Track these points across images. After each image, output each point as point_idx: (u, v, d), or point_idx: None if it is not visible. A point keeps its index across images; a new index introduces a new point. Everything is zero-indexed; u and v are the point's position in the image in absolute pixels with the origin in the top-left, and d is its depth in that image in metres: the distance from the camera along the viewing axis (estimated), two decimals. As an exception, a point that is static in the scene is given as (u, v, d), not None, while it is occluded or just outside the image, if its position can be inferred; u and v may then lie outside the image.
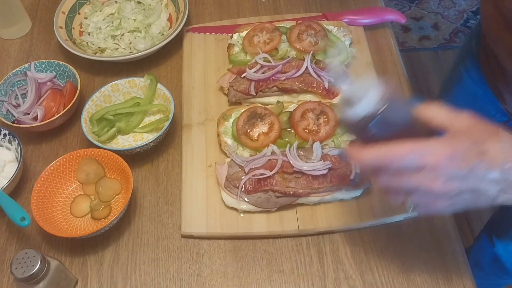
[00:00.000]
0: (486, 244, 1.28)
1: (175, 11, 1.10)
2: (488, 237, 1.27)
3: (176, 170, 0.89)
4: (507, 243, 1.19)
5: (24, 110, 0.95)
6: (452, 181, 0.54)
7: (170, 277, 0.78)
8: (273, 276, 0.77)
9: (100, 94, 0.93)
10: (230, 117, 0.90)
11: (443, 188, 0.54)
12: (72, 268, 0.80)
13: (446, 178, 0.53)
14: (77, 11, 1.12)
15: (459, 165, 0.53)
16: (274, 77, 0.93)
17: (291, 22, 1.03)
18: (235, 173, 0.82)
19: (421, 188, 0.54)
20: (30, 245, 0.83)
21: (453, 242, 0.79)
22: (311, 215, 0.81)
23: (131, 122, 0.93)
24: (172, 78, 1.03)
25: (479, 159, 0.53)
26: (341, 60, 0.97)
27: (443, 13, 2.54)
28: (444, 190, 0.54)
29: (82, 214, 0.84)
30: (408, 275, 0.76)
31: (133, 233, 0.83)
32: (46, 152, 0.94)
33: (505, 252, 1.22)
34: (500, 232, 1.22)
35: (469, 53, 1.05)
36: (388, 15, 1.07)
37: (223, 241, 0.81)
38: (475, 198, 0.56)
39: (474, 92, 1.06)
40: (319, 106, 0.87)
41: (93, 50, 1.07)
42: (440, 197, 0.55)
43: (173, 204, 0.86)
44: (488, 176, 0.54)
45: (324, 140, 0.85)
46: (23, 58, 1.10)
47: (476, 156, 0.53)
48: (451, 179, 0.53)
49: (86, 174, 0.86)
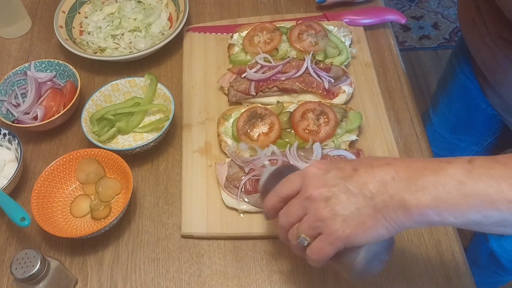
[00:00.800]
0: (481, 240, 1.29)
1: (175, 10, 1.10)
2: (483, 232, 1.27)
3: (176, 170, 0.89)
4: (499, 237, 1.19)
5: (24, 109, 0.95)
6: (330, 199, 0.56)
7: (170, 277, 0.78)
8: (273, 276, 0.77)
9: (100, 93, 0.93)
10: (230, 117, 0.90)
11: (325, 210, 0.56)
12: (72, 268, 0.80)
13: (325, 200, 0.56)
14: (77, 11, 1.12)
15: (331, 178, 0.57)
16: (274, 77, 0.93)
17: (291, 22, 1.03)
18: (235, 173, 0.82)
19: (310, 215, 0.57)
20: (30, 245, 0.83)
21: (452, 242, 0.79)
22: (311, 215, 0.81)
23: (131, 122, 0.93)
24: (172, 77, 1.03)
25: (349, 177, 0.56)
26: (341, 60, 0.97)
27: (443, 13, 2.54)
28: (327, 212, 0.56)
29: (82, 214, 0.84)
30: (408, 275, 0.76)
31: (133, 233, 0.83)
32: (46, 152, 0.94)
33: (499, 248, 1.22)
34: None
35: (461, 47, 1.06)
36: (388, 15, 1.07)
37: (223, 241, 0.81)
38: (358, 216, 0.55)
39: (466, 85, 1.07)
40: (319, 106, 0.87)
41: (93, 49, 1.06)
42: (325, 220, 0.56)
43: (173, 204, 0.86)
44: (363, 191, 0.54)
45: (324, 140, 0.85)
46: (23, 57, 1.10)
47: (346, 174, 0.56)
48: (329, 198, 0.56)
49: (86, 174, 0.86)
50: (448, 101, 1.16)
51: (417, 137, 0.91)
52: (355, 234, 0.54)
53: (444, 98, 1.18)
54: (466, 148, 1.22)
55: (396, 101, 0.96)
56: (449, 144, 1.23)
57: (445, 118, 1.20)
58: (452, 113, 1.17)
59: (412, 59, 2.35)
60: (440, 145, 1.21)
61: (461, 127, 1.18)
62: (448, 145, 1.23)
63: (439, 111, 1.21)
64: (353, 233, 0.54)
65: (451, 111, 1.17)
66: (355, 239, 0.55)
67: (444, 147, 1.22)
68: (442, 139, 1.22)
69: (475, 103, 1.07)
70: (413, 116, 0.94)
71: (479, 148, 1.20)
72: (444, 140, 1.22)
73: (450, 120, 1.19)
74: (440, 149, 1.03)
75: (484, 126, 1.13)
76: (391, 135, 0.90)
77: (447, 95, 1.17)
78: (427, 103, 2.11)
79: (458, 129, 1.19)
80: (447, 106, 1.18)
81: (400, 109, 0.95)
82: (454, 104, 1.14)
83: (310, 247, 0.58)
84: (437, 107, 1.22)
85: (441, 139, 1.22)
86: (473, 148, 1.21)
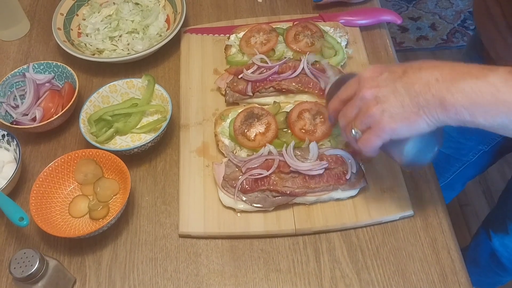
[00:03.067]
0: (483, 239, 1.29)
1: (172, 12, 1.11)
2: (485, 231, 1.28)
3: (173, 170, 0.90)
4: (503, 236, 1.19)
5: (23, 111, 0.96)
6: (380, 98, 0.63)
7: (168, 277, 0.79)
8: (270, 275, 0.78)
9: (98, 95, 0.94)
10: (227, 117, 0.91)
11: (376, 108, 0.63)
12: (71, 267, 0.80)
13: (376, 99, 0.63)
14: (75, 13, 1.12)
15: (383, 80, 0.64)
16: (271, 78, 0.93)
17: (288, 23, 1.04)
18: (232, 173, 0.83)
19: (361, 112, 0.66)
20: (29, 245, 0.83)
21: (448, 241, 0.79)
22: (307, 214, 0.82)
23: (129, 122, 0.93)
24: (169, 78, 1.04)
25: (399, 78, 0.63)
26: (337, 61, 0.97)
27: (440, 13, 2.55)
28: (377, 109, 0.63)
29: (81, 214, 0.84)
30: (404, 274, 0.77)
31: (131, 233, 0.83)
32: (44, 153, 0.95)
33: (501, 247, 1.22)
34: (497, 225, 1.22)
35: (473, 48, 1.05)
36: (384, 16, 1.07)
37: (221, 240, 0.82)
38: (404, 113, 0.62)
39: None
40: (316, 106, 0.88)
41: (91, 51, 1.07)
42: (376, 118, 0.63)
43: (170, 204, 0.86)
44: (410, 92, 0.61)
45: (320, 140, 0.85)
46: (22, 59, 1.10)
47: (396, 76, 0.63)
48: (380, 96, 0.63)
49: (84, 175, 0.87)
50: None
51: (413, 136, 0.92)
52: (399, 127, 0.62)
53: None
54: (473, 147, 1.21)
55: (392, 101, 0.97)
56: (455, 143, 1.21)
57: None
58: None
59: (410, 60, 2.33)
60: (446, 144, 1.20)
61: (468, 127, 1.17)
62: (454, 144, 1.22)
63: None
64: (397, 127, 0.62)
65: None
66: (399, 132, 0.63)
67: (450, 146, 1.21)
68: (449, 137, 1.21)
69: None
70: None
71: (487, 148, 1.19)
72: (450, 139, 1.21)
73: None
74: (446, 148, 1.04)
75: None
76: (387, 134, 0.90)
77: None
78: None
79: (465, 128, 1.18)
80: None
81: (396, 108, 0.96)
82: None
83: (360, 139, 0.67)
84: None
85: (447, 138, 1.20)
86: (480, 147, 1.20)
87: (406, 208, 0.82)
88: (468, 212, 1.90)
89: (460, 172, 1.31)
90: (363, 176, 0.82)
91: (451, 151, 1.23)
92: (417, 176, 0.86)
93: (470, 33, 2.45)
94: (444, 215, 0.82)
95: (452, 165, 1.30)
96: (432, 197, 0.84)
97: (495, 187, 1.93)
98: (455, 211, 1.89)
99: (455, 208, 1.89)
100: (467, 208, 1.91)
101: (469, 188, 1.93)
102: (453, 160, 1.26)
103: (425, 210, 0.83)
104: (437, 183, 0.86)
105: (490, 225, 1.25)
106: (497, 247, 1.24)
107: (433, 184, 0.86)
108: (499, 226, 1.21)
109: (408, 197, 0.83)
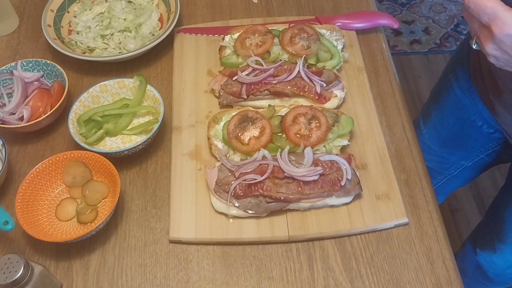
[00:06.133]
0: (469, 253, 1.29)
1: (166, 11, 1.09)
2: (471, 246, 1.28)
3: (165, 174, 0.88)
4: (490, 253, 1.19)
5: (10, 110, 0.93)
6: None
7: (157, 283, 0.77)
8: (262, 283, 0.76)
9: (88, 94, 0.92)
10: (221, 120, 0.89)
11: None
12: (57, 273, 0.78)
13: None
14: (66, 9, 1.10)
15: None
16: (266, 81, 0.92)
17: (283, 25, 1.02)
18: (225, 178, 0.81)
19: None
20: (14, 249, 0.81)
21: (443, 250, 0.78)
22: (301, 221, 0.80)
23: (119, 123, 0.91)
24: (162, 79, 1.02)
25: None
26: (333, 65, 0.96)
27: (434, 18, 2.55)
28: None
29: (68, 217, 0.82)
30: (399, 283, 0.76)
31: (120, 238, 0.81)
32: (32, 154, 0.92)
33: (487, 263, 1.22)
34: (483, 242, 1.22)
35: (459, 62, 1.05)
36: (381, 20, 1.06)
37: (212, 246, 0.80)
38: None
39: (462, 101, 1.05)
40: (311, 110, 0.87)
41: (82, 49, 1.05)
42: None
43: (161, 209, 0.84)
44: None
45: (315, 145, 0.84)
46: (10, 56, 1.07)
47: None
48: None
49: (73, 177, 0.84)
50: (441, 115, 1.14)
51: (408, 142, 0.91)
52: None
53: (436, 112, 1.16)
54: (455, 162, 1.21)
55: (388, 106, 0.96)
56: (438, 157, 1.21)
57: (436, 132, 1.18)
58: (444, 128, 1.15)
59: (403, 63, 2.36)
60: (428, 158, 1.17)
61: (452, 142, 1.16)
62: (437, 158, 1.21)
63: (430, 124, 1.19)
64: None
65: (443, 125, 1.15)
66: None
67: (432, 159, 1.21)
68: (431, 151, 1.20)
69: (470, 120, 1.05)
70: (404, 122, 0.94)
71: (469, 163, 1.19)
72: (433, 152, 1.21)
73: (442, 134, 1.16)
74: (428, 161, 1.04)
75: (476, 143, 1.11)
76: (383, 140, 0.89)
77: (440, 109, 1.14)
78: (417, 108, 2.12)
79: (449, 144, 1.17)
80: (439, 119, 1.15)
81: (391, 114, 0.95)
82: (447, 119, 1.12)
83: None
84: (428, 120, 1.20)
85: (430, 152, 1.20)
86: (463, 163, 1.20)
87: (401, 216, 0.81)
88: (459, 218, 1.90)
89: (442, 184, 1.31)
90: (358, 183, 0.81)
91: (433, 164, 1.22)
92: (412, 183, 0.86)
93: (462, 38, 2.45)
94: (439, 223, 0.81)
95: (434, 177, 1.29)
96: (427, 205, 0.83)
97: (486, 192, 1.94)
98: (446, 216, 1.89)
99: (445, 213, 1.89)
100: (457, 214, 1.91)
101: (460, 193, 1.93)
102: (435, 173, 1.26)
103: (420, 218, 0.82)
104: (433, 191, 0.86)
105: (477, 242, 1.25)
106: (483, 263, 1.24)
107: (428, 191, 0.85)
108: (486, 243, 1.20)
109: (403, 204, 0.82)
